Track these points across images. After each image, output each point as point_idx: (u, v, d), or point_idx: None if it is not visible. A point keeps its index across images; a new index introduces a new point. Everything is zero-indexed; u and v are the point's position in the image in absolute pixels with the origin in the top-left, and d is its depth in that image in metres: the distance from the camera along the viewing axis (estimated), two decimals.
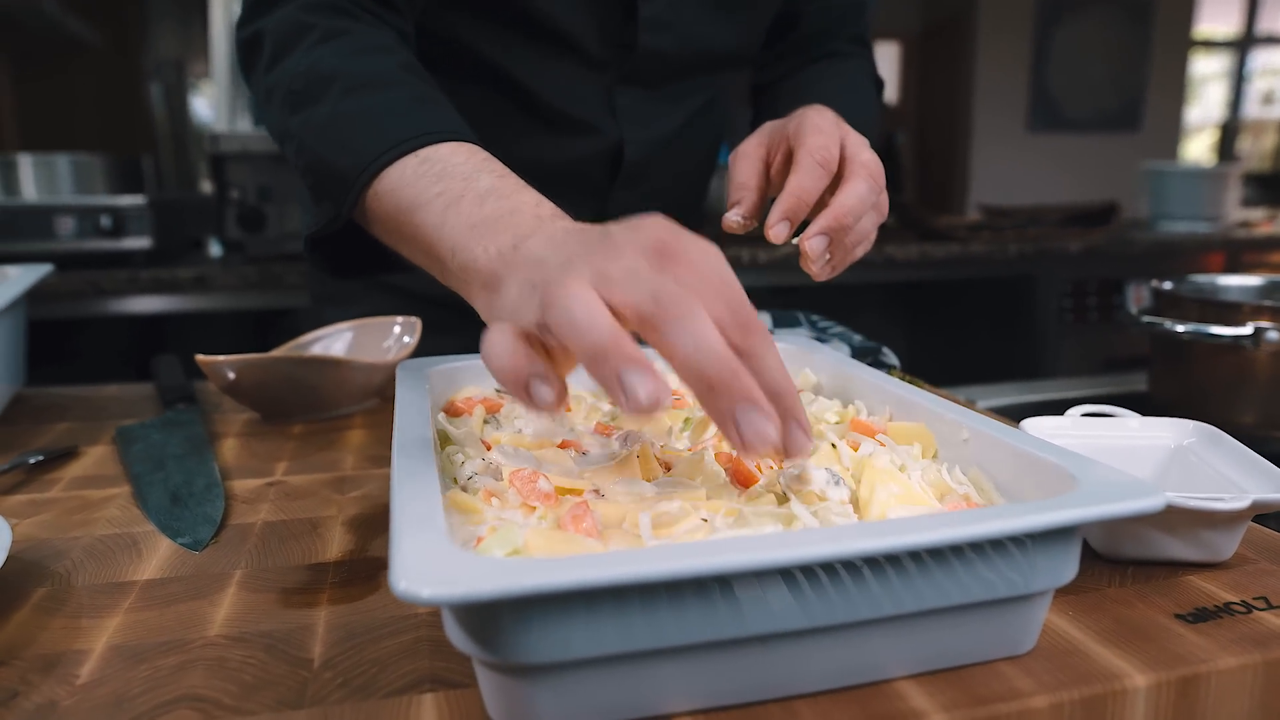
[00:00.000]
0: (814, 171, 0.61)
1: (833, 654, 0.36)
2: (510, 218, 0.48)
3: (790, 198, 0.61)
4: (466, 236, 0.49)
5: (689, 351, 0.35)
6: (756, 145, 0.66)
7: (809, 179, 0.61)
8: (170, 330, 2.16)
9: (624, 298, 0.36)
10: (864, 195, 0.61)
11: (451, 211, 0.51)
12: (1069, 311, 2.30)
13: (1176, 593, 0.44)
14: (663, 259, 0.38)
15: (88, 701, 0.37)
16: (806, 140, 0.62)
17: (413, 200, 0.53)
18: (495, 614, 0.31)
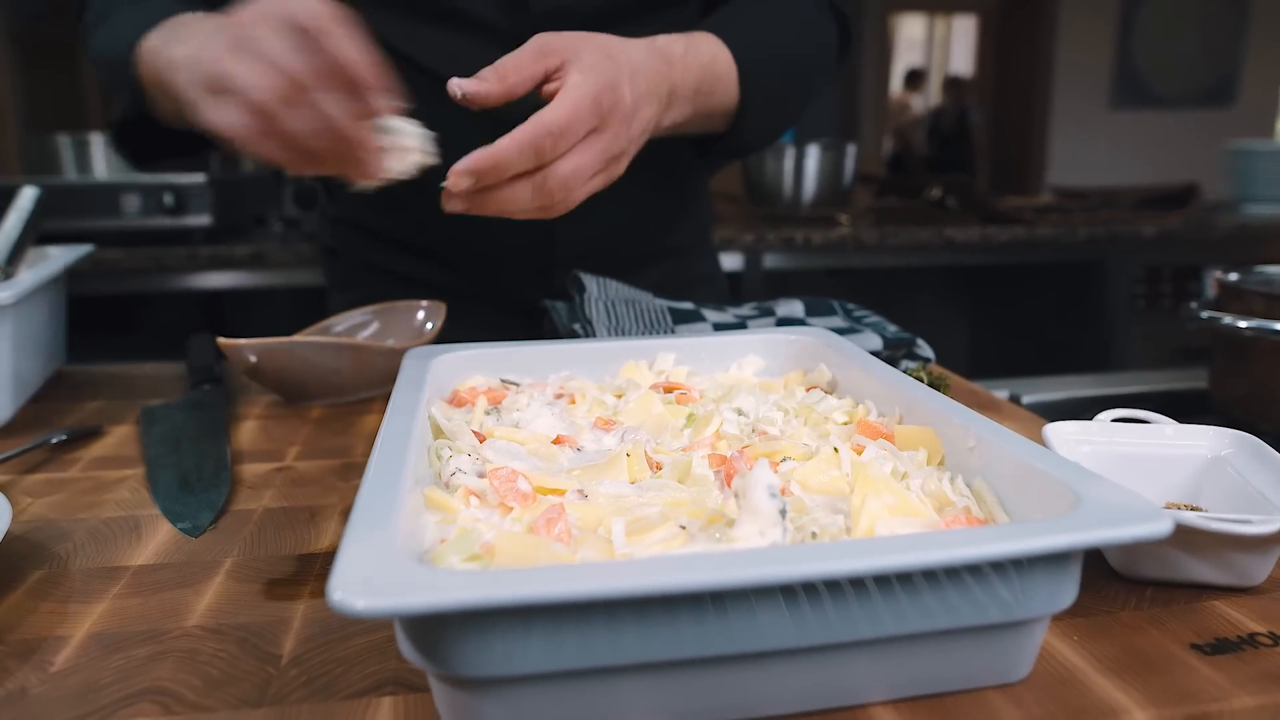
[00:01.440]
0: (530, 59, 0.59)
1: (802, 676, 0.34)
2: (199, 23, 0.63)
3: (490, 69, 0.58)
4: (177, 48, 0.62)
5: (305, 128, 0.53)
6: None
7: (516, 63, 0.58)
8: (232, 306, 2.22)
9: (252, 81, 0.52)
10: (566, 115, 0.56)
11: (170, 45, 0.64)
12: (1140, 299, 2.19)
13: (1196, 619, 0.41)
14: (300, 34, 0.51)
15: (57, 690, 0.37)
16: None
17: (151, 51, 0.67)
18: (435, 627, 0.30)
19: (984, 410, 0.73)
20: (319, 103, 0.52)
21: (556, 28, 0.77)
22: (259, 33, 0.52)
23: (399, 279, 0.93)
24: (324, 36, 0.51)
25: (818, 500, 0.43)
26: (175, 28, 0.67)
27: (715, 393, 0.58)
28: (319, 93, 0.52)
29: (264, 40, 0.52)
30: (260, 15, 0.53)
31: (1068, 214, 2.20)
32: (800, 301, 0.91)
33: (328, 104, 0.52)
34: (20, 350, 0.70)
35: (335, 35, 0.51)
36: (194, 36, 0.61)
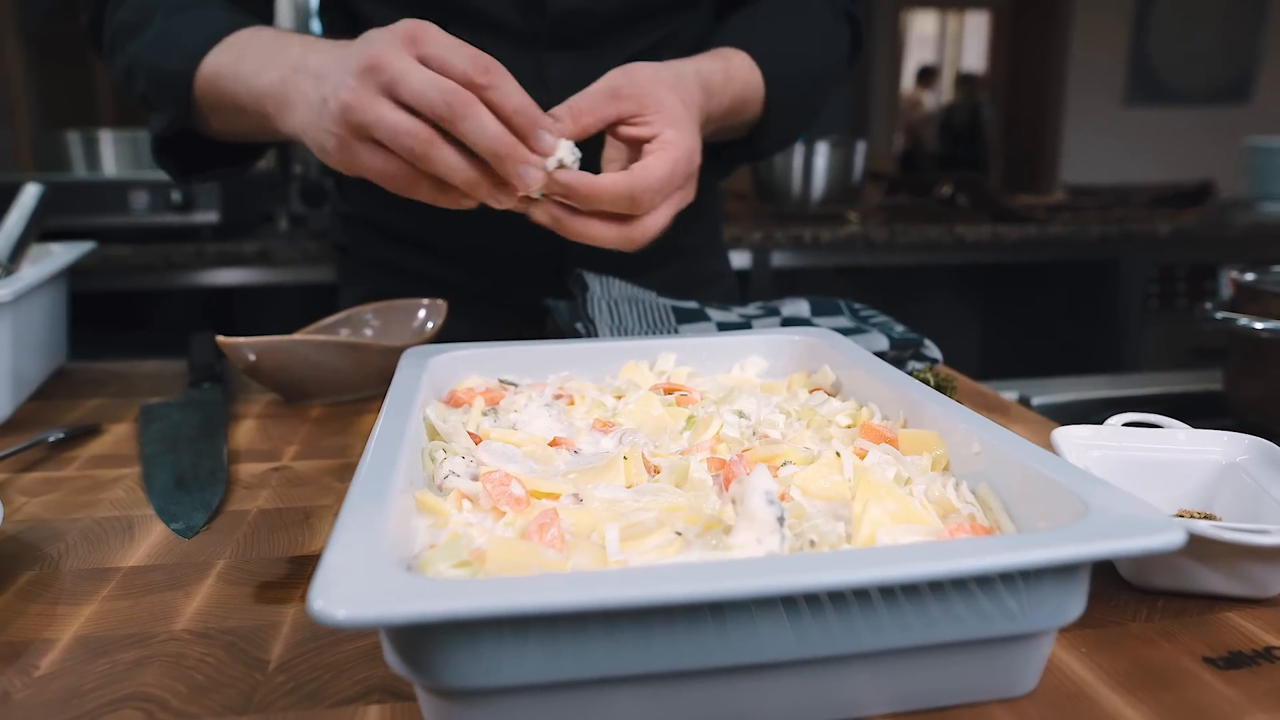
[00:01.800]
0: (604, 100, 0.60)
1: (799, 687, 0.33)
2: (284, 51, 0.62)
3: (564, 107, 0.60)
4: (252, 78, 0.63)
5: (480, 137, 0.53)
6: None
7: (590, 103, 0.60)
8: (239, 303, 2.22)
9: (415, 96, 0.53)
10: (636, 180, 0.58)
11: (241, 64, 0.64)
12: (1154, 299, 2.17)
13: (1210, 632, 0.39)
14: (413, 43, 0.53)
15: (40, 695, 0.36)
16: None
17: (217, 71, 0.66)
18: (420, 637, 0.29)
19: (992, 412, 0.72)
20: (472, 137, 0.52)
21: (571, 28, 0.78)
22: (400, 68, 0.52)
23: (410, 276, 0.93)
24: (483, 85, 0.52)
25: (819, 506, 0.42)
26: (251, 49, 0.65)
27: (716, 394, 0.57)
28: (471, 124, 0.52)
29: (410, 78, 0.52)
30: (393, 49, 0.52)
31: (1080, 212, 2.17)
32: (806, 301, 0.90)
33: (482, 138, 0.52)
34: (20, 348, 0.70)
35: (495, 80, 0.52)
36: (287, 63, 0.61)
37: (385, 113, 0.52)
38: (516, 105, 0.53)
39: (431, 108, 0.52)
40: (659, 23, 0.83)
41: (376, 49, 0.53)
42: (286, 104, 0.60)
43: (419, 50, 0.53)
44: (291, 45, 0.62)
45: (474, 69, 0.52)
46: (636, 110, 0.61)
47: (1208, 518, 0.47)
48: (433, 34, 0.54)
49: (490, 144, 0.53)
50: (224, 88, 0.66)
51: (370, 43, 0.54)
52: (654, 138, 0.61)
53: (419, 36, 0.53)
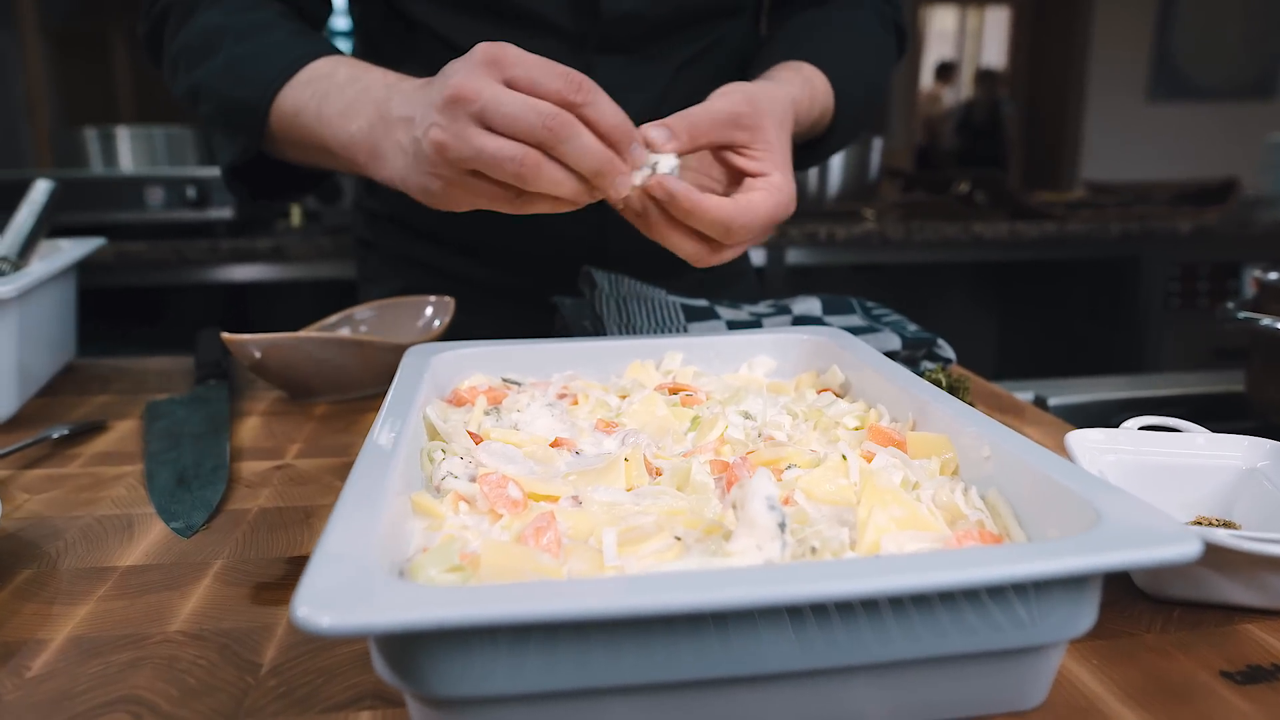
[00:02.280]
0: (724, 125, 0.59)
1: (798, 699, 0.32)
2: (366, 94, 0.60)
3: (684, 119, 0.59)
4: (339, 123, 0.61)
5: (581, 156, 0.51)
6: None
7: (711, 123, 0.59)
8: (254, 299, 2.23)
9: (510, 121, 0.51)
10: (739, 212, 0.58)
11: (325, 105, 0.62)
12: (1176, 297, 2.13)
13: (1228, 645, 0.38)
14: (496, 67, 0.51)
15: (31, 696, 0.36)
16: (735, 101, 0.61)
17: (297, 109, 0.64)
18: (407, 644, 0.29)
19: (1006, 414, 0.71)
20: (573, 157, 0.51)
21: (622, 32, 0.78)
22: (489, 96, 0.50)
23: (435, 272, 0.92)
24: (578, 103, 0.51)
25: (824, 511, 0.41)
26: (332, 88, 0.63)
27: (722, 395, 0.56)
28: (573, 144, 0.51)
29: (502, 105, 0.50)
30: (476, 77, 0.51)
31: (1100, 209, 2.14)
32: (818, 299, 0.89)
33: (584, 157, 0.51)
34: (26, 344, 0.70)
35: (590, 97, 0.51)
36: (373, 107, 0.59)
37: (484, 143, 0.51)
38: (613, 121, 0.52)
39: (530, 132, 0.50)
40: (706, 29, 0.84)
41: (460, 79, 0.51)
42: (378, 154, 0.59)
43: (505, 74, 0.51)
44: (374, 86, 0.60)
45: (567, 87, 0.51)
46: (749, 142, 0.60)
47: (1227, 525, 0.46)
48: (514, 55, 0.51)
49: (592, 163, 0.52)
50: (307, 128, 0.64)
51: (451, 74, 0.52)
52: (761, 175, 0.60)
53: (501, 59, 0.51)
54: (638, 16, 0.78)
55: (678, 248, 0.60)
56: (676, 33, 0.82)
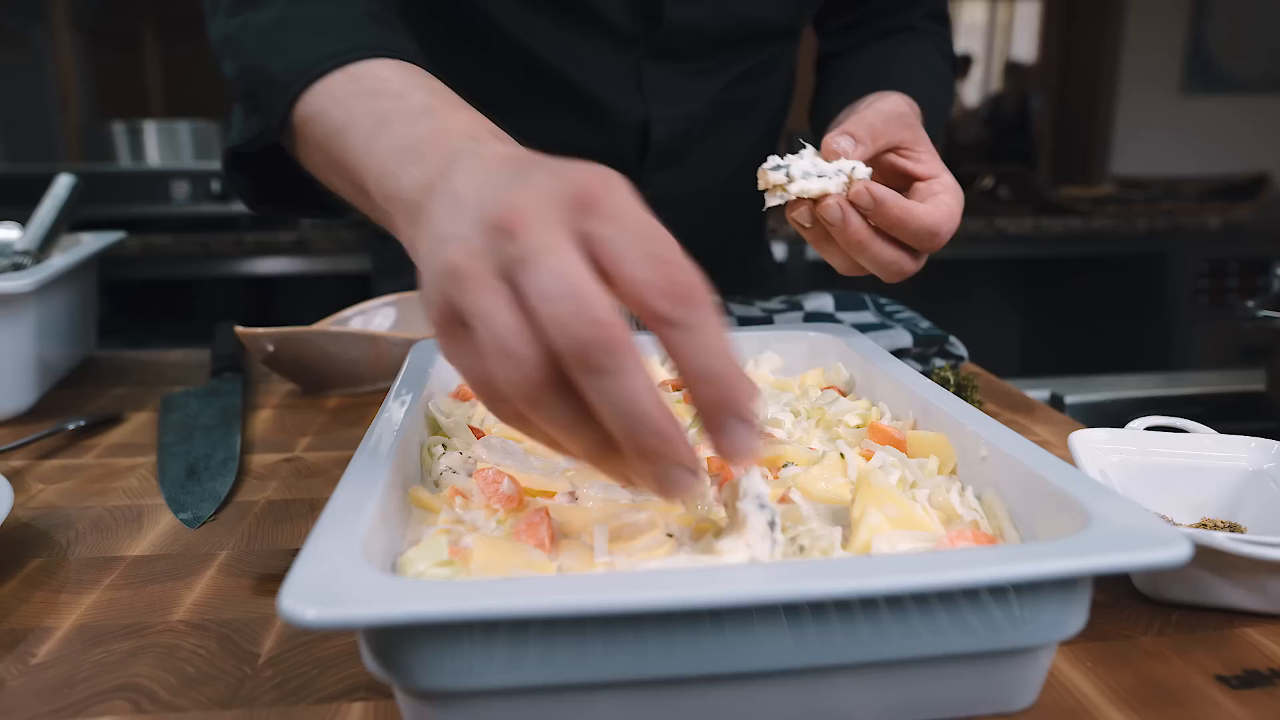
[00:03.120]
0: (894, 124, 0.57)
1: (783, 698, 0.32)
2: (442, 138, 0.42)
3: (861, 123, 0.57)
4: (393, 161, 0.43)
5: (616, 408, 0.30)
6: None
7: (885, 123, 0.57)
8: (278, 292, 2.26)
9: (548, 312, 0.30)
10: (944, 218, 0.55)
11: (381, 132, 0.45)
12: (1204, 294, 2.10)
13: (1225, 649, 0.38)
14: (585, 211, 0.31)
15: (34, 683, 0.37)
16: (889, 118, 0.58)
17: (342, 122, 0.48)
18: (392, 638, 0.29)
19: (1017, 413, 0.70)
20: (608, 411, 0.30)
21: (678, 40, 0.77)
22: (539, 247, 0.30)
23: None
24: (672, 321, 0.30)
25: (820, 509, 0.40)
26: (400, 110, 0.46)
27: None
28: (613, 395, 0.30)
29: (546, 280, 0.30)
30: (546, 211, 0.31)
31: (1127, 205, 2.11)
32: (830, 295, 0.88)
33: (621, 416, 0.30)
34: (45, 337, 0.71)
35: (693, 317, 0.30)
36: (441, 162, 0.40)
37: (493, 312, 0.31)
38: (711, 369, 0.31)
39: (568, 342, 0.29)
40: (758, 48, 0.83)
41: (522, 201, 0.32)
42: (419, 223, 0.39)
43: (586, 225, 0.31)
44: (453, 132, 0.43)
45: (664, 286, 0.30)
46: (913, 142, 0.59)
47: (1232, 527, 0.45)
48: (613, 202, 0.31)
49: (635, 432, 0.31)
50: (350, 150, 0.47)
51: (526, 180, 0.33)
52: (932, 177, 0.58)
53: (595, 202, 0.31)
54: (697, 28, 0.77)
55: (877, 257, 0.56)
56: (730, 48, 0.81)
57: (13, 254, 0.79)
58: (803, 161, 0.56)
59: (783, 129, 0.96)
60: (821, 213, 0.55)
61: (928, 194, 0.57)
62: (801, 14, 0.83)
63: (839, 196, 0.55)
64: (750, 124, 0.88)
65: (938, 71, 0.82)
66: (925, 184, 0.58)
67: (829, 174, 0.55)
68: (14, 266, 0.77)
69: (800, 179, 0.55)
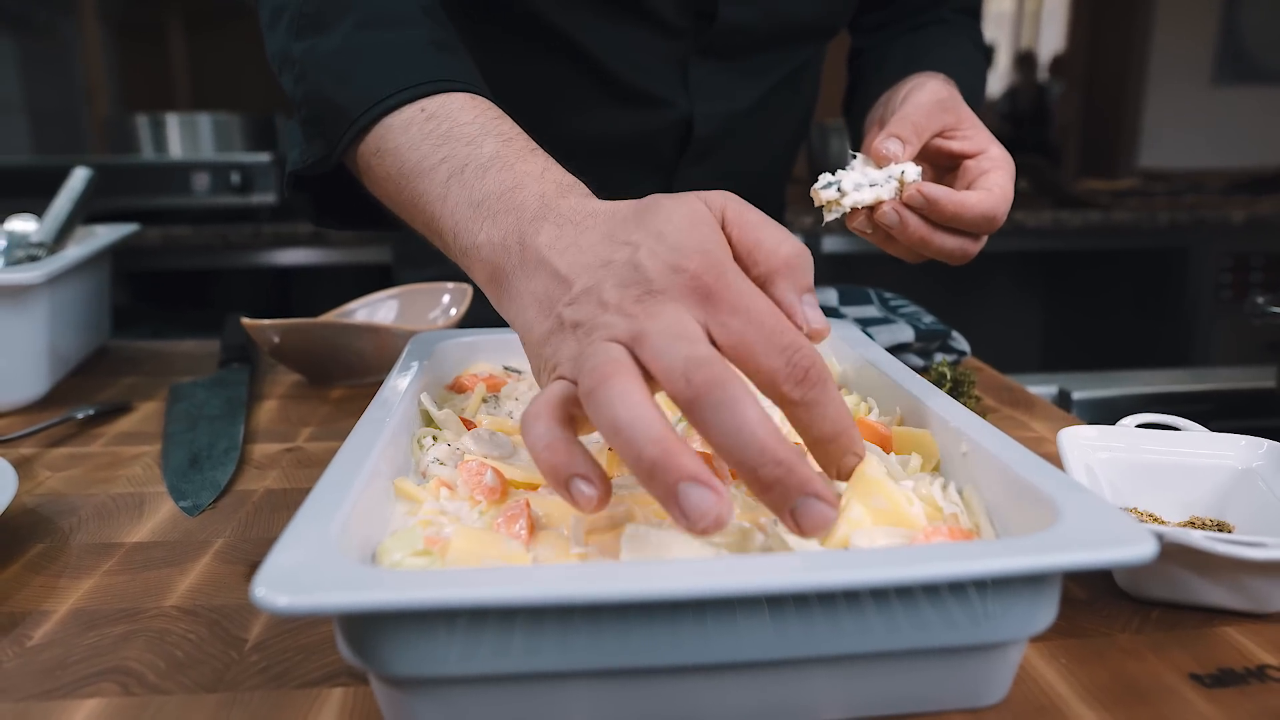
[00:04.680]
0: (936, 112, 0.59)
1: (749, 690, 0.32)
2: (513, 194, 0.44)
3: (905, 122, 0.58)
4: (468, 216, 0.45)
5: (730, 441, 0.32)
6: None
7: (927, 116, 0.59)
8: (297, 283, 2.28)
9: (659, 366, 0.33)
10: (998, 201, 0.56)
11: (454, 183, 0.46)
12: (1227, 289, 2.07)
13: (1202, 647, 0.37)
14: (706, 302, 0.34)
15: (29, 665, 0.38)
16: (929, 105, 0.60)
17: (415, 166, 0.49)
18: (363, 625, 0.30)
19: (1016, 408, 0.70)
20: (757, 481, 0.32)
21: (729, 40, 0.77)
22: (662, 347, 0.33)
23: None
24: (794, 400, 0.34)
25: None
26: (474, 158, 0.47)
27: None
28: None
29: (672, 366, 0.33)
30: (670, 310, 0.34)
31: (1148, 198, 2.09)
32: (834, 290, 0.88)
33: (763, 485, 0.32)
34: (57, 327, 0.73)
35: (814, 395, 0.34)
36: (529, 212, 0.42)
37: (621, 412, 0.32)
38: (834, 428, 0.35)
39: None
40: (802, 48, 0.83)
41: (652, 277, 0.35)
42: (502, 285, 0.43)
43: (713, 319, 0.34)
44: (526, 185, 0.44)
45: (787, 372, 0.34)
46: (957, 124, 0.60)
47: (1221, 526, 0.45)
48: (736, 293, 0.34)
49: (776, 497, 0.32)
50: (423, 196, 0.48)
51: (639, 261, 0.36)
52: (980, 153, 0.59)
53: (719, 295, 0.34)
54: (749, 28, 0.77)
55: (941, 249, 0.58)
56: (775, 49, 0.81)
57: (28, 246, 0.81)
58: (853, 173, 0.59)
59: (810, 126, 0.96)
60: (880, 220, 0.58)
61: (978, 172, 0.59)
62: (845, 13, 0.83)
63: (894, 201, 0.57)
64: (784, 122, 0.88)
65: (971, 60, 0.81)
66: (975, 161, 0.59)
67: (880, 181, 0.57)
68: (29, 258, 0.79)
69: (853, 191, 0.58)
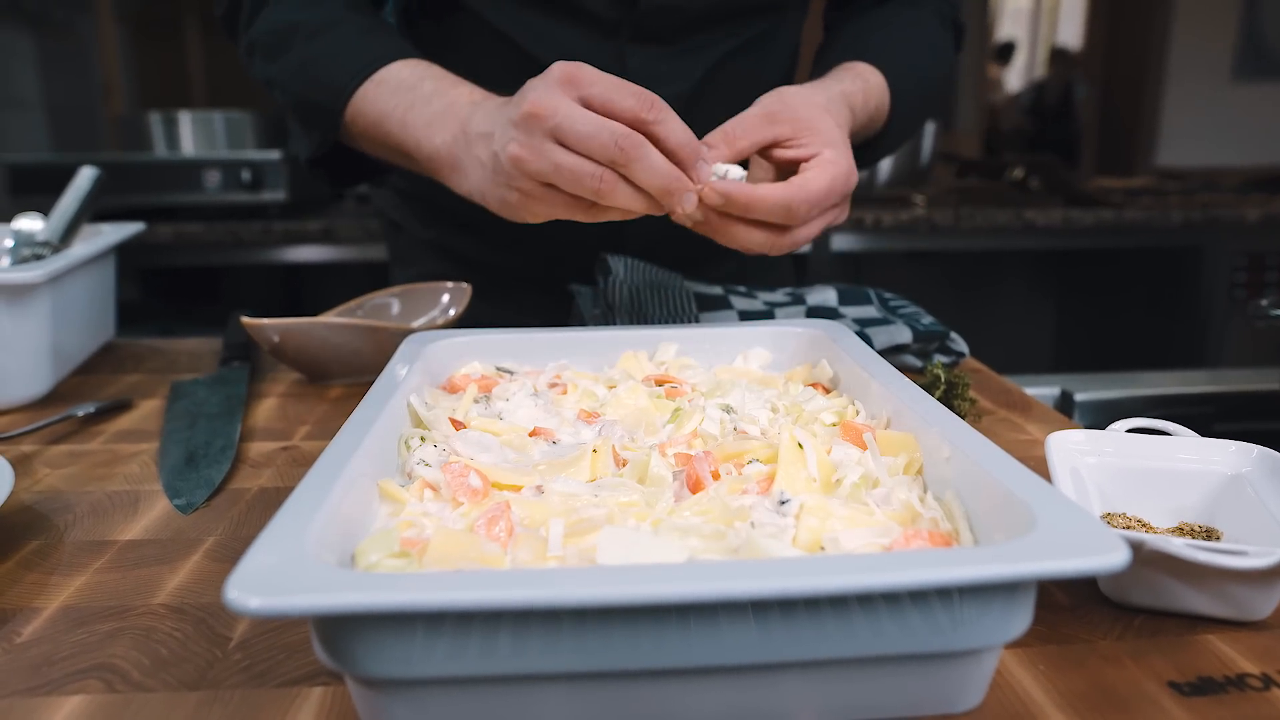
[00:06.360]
0: (760, 124, 0.62)
1: (721, 694, 0.33)
2: (451, 110, 0.63)
3: (719, 131, 0.61)
4: (425, 133, 0.64)
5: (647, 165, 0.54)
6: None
7: (746, 127, 0.62)
8: (308, 279, 2.29)
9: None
10: (795, 192, 0.59)
11: (410, 116, 0.65)
12: (1242, 289, 2.05)
13: (1183, 655, 0.37)
14: (573, 85, 0.55)
15: (16, 661, 0.38)
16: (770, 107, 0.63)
17: (381, 116, 0.67)
18: (335, 627, 0.30)
19: (1013, 410, 0.70)
20: (643, 177, 0.54)
21: (657, 23, 0.78)
22: (565, 113, 0.53)
23: (459, 259, 0.94)
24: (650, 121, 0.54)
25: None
26: (418, 98, 0.65)
27: (707, 387, 0.56)
28: (643, 164, 0.54)
29: (576, 123, 0.53)
30: (553, 95, 0.54)
31: (1162, 196, 2.07)
32: (834, 289, 0.88)
33: (653, 177, 0.54)
34: (60, 325, 0.73)
35: (661, 115, 0.54)
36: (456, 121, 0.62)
37: (561, 159, 0.54)
38: (680, 139, 0.55)
39: (603, 150, 0.53)
40: (745, 25, 0.84)
41: (536, 96, 0.54)
42: (459, 167, 0.62)
43: (580, 92, 0.54)
44: (459, 102, 0.64)
45: (640, 105, 0.54)
46: (791, 134, 0.62)
47: (1209, 532, 0.45)
48: (590, 74, 0.55)
49: (661, 181, 0.55)
50: (391, 134, 0.67)
51: (529, 91, 0.55)
52: (812, 158, 0.61)
53: (577, 78, 0.54)
54: (675, 8, 0.78)
55: (745, 241, 0.61)
56: (714, 26, 0.82)
57: (34, 244, 0.81)
58: None
59: None
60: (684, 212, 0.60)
61: (802, 172, 0.61)
62: None
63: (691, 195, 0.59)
64: (748, 101, 0.88)
65: (922, 39, 0.82)
66: (805, 164, 0.61)
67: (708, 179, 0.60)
68: (35, 257, 0.80)
69: None
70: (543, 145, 0.54)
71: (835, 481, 0.41)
